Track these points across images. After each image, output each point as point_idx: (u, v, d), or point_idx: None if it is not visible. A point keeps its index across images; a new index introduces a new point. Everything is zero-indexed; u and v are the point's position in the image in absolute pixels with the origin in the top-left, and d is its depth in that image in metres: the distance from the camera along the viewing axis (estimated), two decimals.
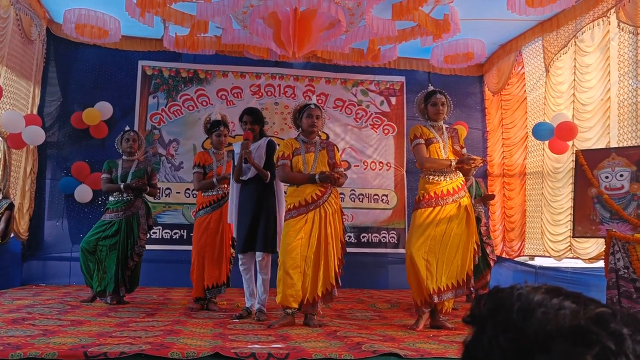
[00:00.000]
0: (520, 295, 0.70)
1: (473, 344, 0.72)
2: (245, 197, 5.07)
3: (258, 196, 5.01)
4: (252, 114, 5.20)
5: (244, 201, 5.07)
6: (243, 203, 5.07)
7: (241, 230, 5.01)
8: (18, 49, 6.86)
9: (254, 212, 4.97)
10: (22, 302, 5.53)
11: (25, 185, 7.35)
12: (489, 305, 0.72)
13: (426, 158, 4.61)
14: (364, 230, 8.49)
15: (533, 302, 0.68)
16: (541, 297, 0.69)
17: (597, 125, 6.25)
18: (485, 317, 0.71)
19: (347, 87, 8.75)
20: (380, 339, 3.94)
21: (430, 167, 4.61)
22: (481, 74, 9.07)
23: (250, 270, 5.09)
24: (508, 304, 0.70)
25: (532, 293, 0.70)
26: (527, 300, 0.69)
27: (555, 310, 0.67)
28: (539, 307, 0.67)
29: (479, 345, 0.71)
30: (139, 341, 3.49)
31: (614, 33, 6.00)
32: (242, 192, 5.11)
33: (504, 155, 8.46)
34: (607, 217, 4.98)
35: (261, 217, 4.97)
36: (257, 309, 4.95)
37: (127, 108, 8.14)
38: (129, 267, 5.77)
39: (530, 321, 0.66)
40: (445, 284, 4.51)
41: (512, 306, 0.69)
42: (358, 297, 6.82)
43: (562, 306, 0.67)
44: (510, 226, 8.16)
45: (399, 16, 5.97)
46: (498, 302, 0.71)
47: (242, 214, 5.05)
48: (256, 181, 5.02)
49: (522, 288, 0.72)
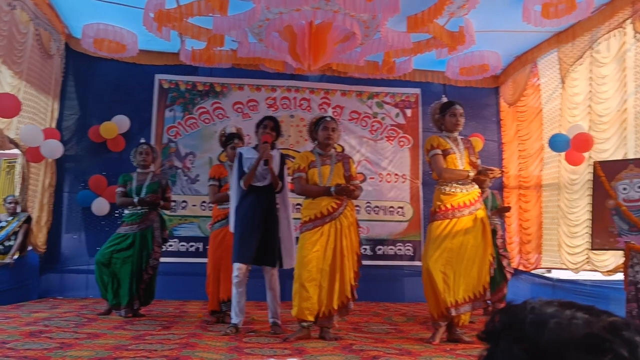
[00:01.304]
0: (533, 308, 0.71)
1: (488, 358, 0.72)
2: (250, 206, 4.84)
3: (263, 207, 4.85)
4: (274, 120, 5.08)
5: (249, 210, 4.84)
6: (246, 212, 4.84)
7: (243, 240, 4.78)
8: (37, 63, 6.96)
9: (258, 223, 4.79)
10: (40, 315, 5.57)
11: (43, 199, 7.43)
12: (503, 319, 0.73)
13: (444, 169, 4.59)
14: (380, 243, 8.46)
15: (546, 314, 0.69)
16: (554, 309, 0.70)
17: (613, 137, 6.20)
18: (499, 331, 0.71)
19: (362, 99, 8.77)
20: (396, 352, 3.92)
21: (448, 177, 4.58)
22: (497, 85, 9.04)
23: (244, 285, 4.85)
24: (521, 317, 0.70)
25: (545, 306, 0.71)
26: (540, 312, 0.70)
27: (568, 321, 0.67)
28: (552, 318, 0.68)
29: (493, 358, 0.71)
30: (155, 354, 3.49)
31: (630, 44, 5.96)
32: (246, 201, 4.88)
33: (520, 167, 8.41)
34: (625, 229, 4.93)
35: (267, 230, 4.82)
36: (272, 322, 4.88)
37: (144, 121, 8.21)
38: (143, 280, 5.79)
39: (544, 332, 0.67)
40: (463, 297, 4.47)
41: (525, 318, 0.70)
42: (374, 310, 6.80)
43: (575, 316, 0.68)
44: (527, 238, 8.09)
45: (414, 29, 5.99)
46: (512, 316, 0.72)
47: (243, 223, 4.82)
48: (263, 191, 4.87)
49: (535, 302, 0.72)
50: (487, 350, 0.73)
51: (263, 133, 4.94)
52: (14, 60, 6.23)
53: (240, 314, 4.83)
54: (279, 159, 4.99)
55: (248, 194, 4.88)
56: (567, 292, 6.67)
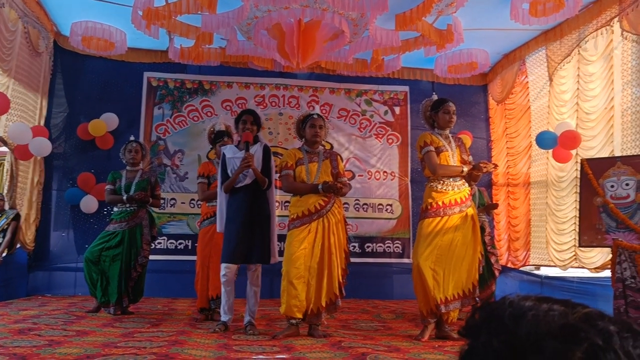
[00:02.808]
0: (511, 303, 0.73)
1: (468, 352, 0.74)
2: (236, 205, 4.78)
3: (251, 204, 4.75)
4: (252, 114, 4.97)
5: (235, 209, 4.78)
6: (234, 211, 4.78)
7: (232, 240, 4.71)
8: (26, 61, 6.93)
9: (248, 221, 4.72)
10: (28, 312, 5.55)
11: (32, 196, 7.40)
12: (482, 315, 0.75)
13: (438, 165, 4.60)
14: (368, 240, 8.48)
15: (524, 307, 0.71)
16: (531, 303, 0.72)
17: (600, 134, 6.25)
18: (479, 326, 0.73)
19: (351, 97, 8.78)
20: (385, 349, 3.94)
21: (443, 174, 4.60)
22: (485, 83, 9.09)
23: (232, 283, 4.80)
24: (500, 311, 0.72)
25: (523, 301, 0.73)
26: (519, 306, 0.72)
27: (545, 313, 0.69)
28: (529, 311, 0.70)
29: (474, 352, 0.73)
30: (144, 352, 3.50)
31: (618, 42, 6.01)
32: (233, 199, 4.82)
33: (508, 164, 8.46)
34: (613, 226, 4.96)
35: (256, 227, 4.74)
36: (247, 322, 4.78)
37: (132, 119, 8.18)
38: (132, 277, 5.79)
39: (522, 324, 0.69)
40: (452, 294, 4.50)
41: (504, 312, 0.72)
42: (362, 308, 6.82)
43: (551, 309, 0.70)
44: (515, 236, 8.14)
45: (403, 27, 6.01)
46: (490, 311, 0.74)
47: (232, 223, 4.76)
48: (250, 188, 4.78)
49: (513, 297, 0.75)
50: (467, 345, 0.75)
51: (243, 129, 4.85)
52: (3, 58, 6.20)
53: (229, 312, 4.82)
54: (261, 153, 4.89)
55: (232, 195, 4.83)
56: (555, 288, 6.72)
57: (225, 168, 4.86)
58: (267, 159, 4.91)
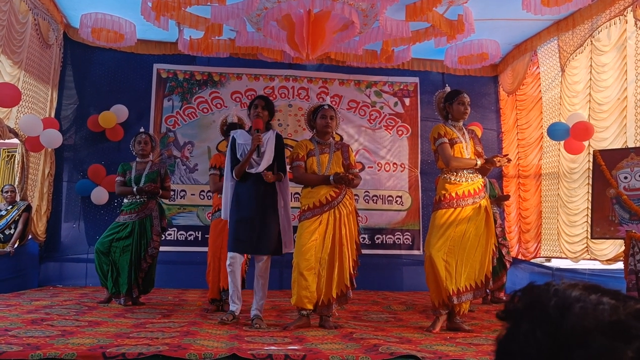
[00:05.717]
0: (557, 291, 0.70)
1: (507, 339, 0.71)
2: (245, 193, 4.67)
3: (262, 194, 4.65)
4: (264, 99, 4.85)
5: (243, 197, 4.67)
6: (242, 199, 4.67)
7: (239, 230, 4.61)
8: (36, 53, 6.95)
9: (257, 211, 4.61)
10: (40, 302, 5.58)
11: (43, 188, 7.44)
12: (525, 300, 0.72)
13: (452, 157, 4.56)
14: (378, 232, 8.47)
15: (570, 298, 0.68)
16: (579, 293, 0.68)
17: (613, 125, 6.19)
18: (521, 312, 0.71)
19: (360, 88, 8.75)
20: (397, 340, 3.93)
21: (456, 166, 4.56)
22: (496, 74, 9.03)
23: (238, 272, 4.69)
24: (544, 299, 0.69)
25: (569, 289, 0.70)
26: (564, 295, 0.69)
27: (593, 306, 0.66)
28: (576, 303, 0.67)
29: (513, 340, 0.70)
30: (157, 342, 3.50)
31: (631, 32, 5.95)
32: (242, 188, 4.71)
33: (519, 155, 8.41)
34: (626, 217, 4.93)
35: (265, 217, 4.64)
36: (254, 316, 4.64)
37: (142, 111, 8.20)
38: (142, 268, 5.81)
39: (568, 316, 0.66)
40: (464, 285, 4.47)
41: (549, 301, 0.69)
42: (373, 299, 6.81)
43: (600, 302, 0.67)
44: (526, 227, 8.10)
45: (413, 17, 5.97)
46: (534, 298, 0.71)
47: (240, 211, 4.65)
48: (260, 177, 4.65)
49: (558, 284, 0.71)
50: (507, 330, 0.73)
51: (254, 115, 4.75)
52: (14, 50, 6.22)
53: (237, 301, 4.73)
54: (274, 141, 4.76)
55: (244, 181, 4.71)
56: None
57: (235, 152, 4.75)
58: (280, 147, 4.82)
